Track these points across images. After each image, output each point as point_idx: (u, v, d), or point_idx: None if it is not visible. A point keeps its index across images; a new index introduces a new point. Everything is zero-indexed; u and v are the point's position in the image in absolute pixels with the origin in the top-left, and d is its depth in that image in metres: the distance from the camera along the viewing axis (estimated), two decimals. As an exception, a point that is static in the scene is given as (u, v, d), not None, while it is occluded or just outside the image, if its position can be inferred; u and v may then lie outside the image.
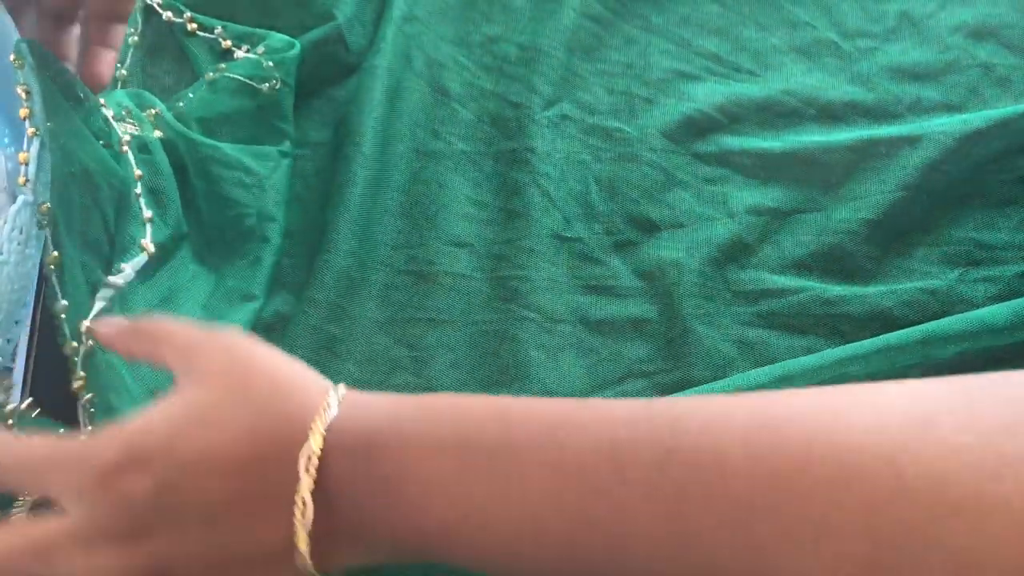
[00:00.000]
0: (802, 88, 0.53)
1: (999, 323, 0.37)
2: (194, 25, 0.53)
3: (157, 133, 0.47)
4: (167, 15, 0.53)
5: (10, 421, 0.41)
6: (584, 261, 0.48)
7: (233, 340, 0.36)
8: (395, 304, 0.47)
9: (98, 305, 0.41)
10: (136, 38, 0.52)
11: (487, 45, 0.56)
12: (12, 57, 0.41)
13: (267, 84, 0.51)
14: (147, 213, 0.45)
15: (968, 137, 0.47)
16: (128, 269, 0.43)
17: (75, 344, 0.40)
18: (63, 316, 0.40)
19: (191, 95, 0.50)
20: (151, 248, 0.44)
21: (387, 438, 0.32)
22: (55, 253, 0.40)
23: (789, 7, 0.56)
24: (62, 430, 0.41)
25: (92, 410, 0.40)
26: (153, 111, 0.48)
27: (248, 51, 0.52)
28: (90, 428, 0.40)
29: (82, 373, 0.40)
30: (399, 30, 0.55)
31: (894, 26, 0.54)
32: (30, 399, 0.42)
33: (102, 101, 0.46)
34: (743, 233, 0.47)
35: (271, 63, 0.51)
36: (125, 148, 0.45)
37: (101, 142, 0.44)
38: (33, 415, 0.42)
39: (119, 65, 0.51)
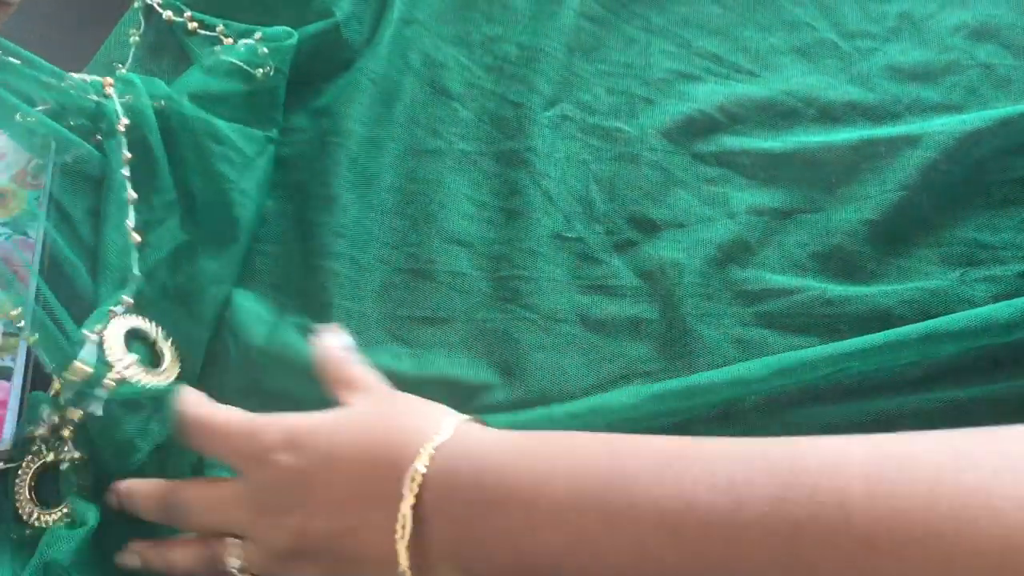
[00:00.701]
0: (802, 88, 0.53)
1: (1000, 320, 0.37)
2: (194, 24, 0.53)
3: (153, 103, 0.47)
4: (167, 14, 0.53)
5: None
6: (584, 261, 0.48)
7: (376, 377, 0.41)
8: (393, 301, 0.47)
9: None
10: (137, 38, 0.52)
11: (487, 45, 0.56)
12: None
13: (261, 70, 0.50)
14: (132, 194, 0.45)
15: (968, 137, 0.47)
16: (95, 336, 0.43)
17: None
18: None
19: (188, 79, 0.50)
20: (137, 238, 0.45)
21: (495, 462, 0.33)
22: None
23: (789, 8, 0.56)
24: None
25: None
26: (162, 103, 0.48)
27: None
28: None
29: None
30: (398, 32, 0.55)
31: (894, 26, 0.54)
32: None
33: (86, 77, 0.46)
34: (743, 233, 0.47)
35: (266, 50, 0.51)
36: (121, 128, 0.45)
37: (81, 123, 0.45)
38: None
39: (120, 65, 0.52)
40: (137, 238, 0.45)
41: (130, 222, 0.45)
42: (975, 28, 0.52)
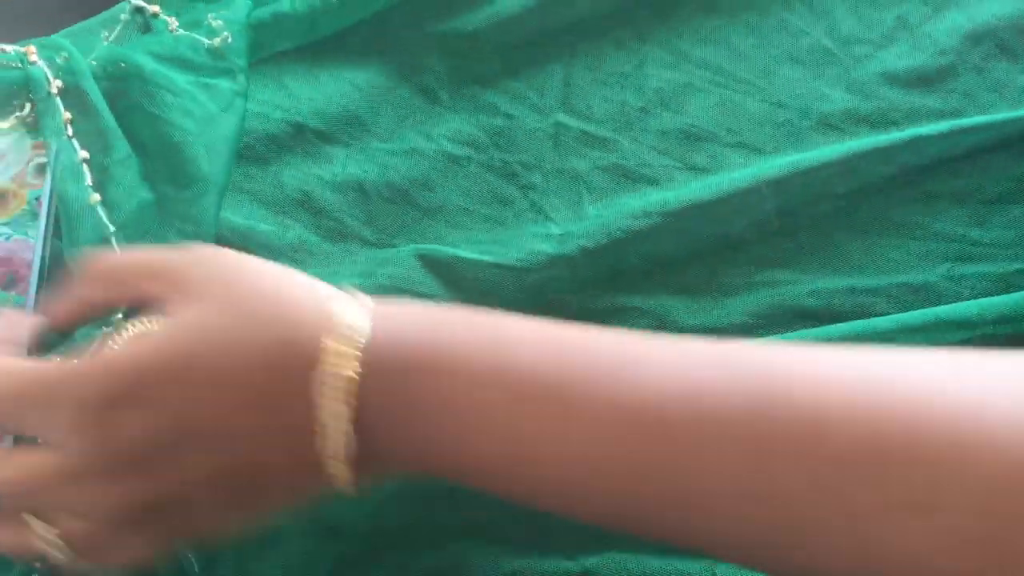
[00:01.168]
0: (799, 97, 0.52)
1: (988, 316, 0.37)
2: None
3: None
4: (154, 8, 0.52)
5: None
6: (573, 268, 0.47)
7: (219, 254, 0.32)
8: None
9: None
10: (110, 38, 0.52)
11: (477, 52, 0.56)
12: None
13: (219, 39, 0.50)
14: (83, 153, 0.44)
15: (963, 142, 0.46)
16: None
17: None
18: None
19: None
20: (97, 197, 0.44)
21: (425, 361, 0.29)
22: None
23: (784, 15, 0.56)
24: None
25: None
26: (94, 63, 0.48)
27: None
28: None
29: None
30: (382, 32, 0.55)
31: (890, 32, 0.54)
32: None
33: (7, 48, 0.46)
34: (737, 232, 0.47)
35: (220, 21, 0.51)
36: (55, 90, 0.45)
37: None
38: None
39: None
40: (97, 197, 0.44)
41: (88, 181, 0.44)
42: (971, 32, 0.52)
